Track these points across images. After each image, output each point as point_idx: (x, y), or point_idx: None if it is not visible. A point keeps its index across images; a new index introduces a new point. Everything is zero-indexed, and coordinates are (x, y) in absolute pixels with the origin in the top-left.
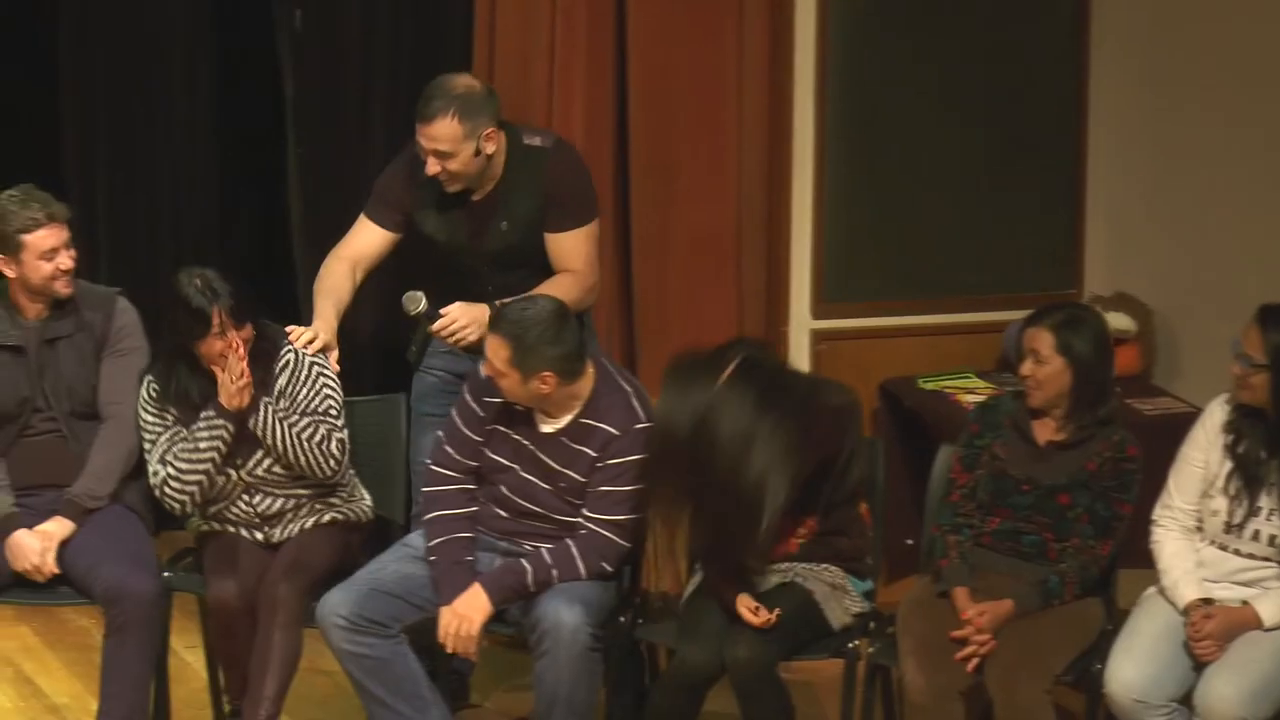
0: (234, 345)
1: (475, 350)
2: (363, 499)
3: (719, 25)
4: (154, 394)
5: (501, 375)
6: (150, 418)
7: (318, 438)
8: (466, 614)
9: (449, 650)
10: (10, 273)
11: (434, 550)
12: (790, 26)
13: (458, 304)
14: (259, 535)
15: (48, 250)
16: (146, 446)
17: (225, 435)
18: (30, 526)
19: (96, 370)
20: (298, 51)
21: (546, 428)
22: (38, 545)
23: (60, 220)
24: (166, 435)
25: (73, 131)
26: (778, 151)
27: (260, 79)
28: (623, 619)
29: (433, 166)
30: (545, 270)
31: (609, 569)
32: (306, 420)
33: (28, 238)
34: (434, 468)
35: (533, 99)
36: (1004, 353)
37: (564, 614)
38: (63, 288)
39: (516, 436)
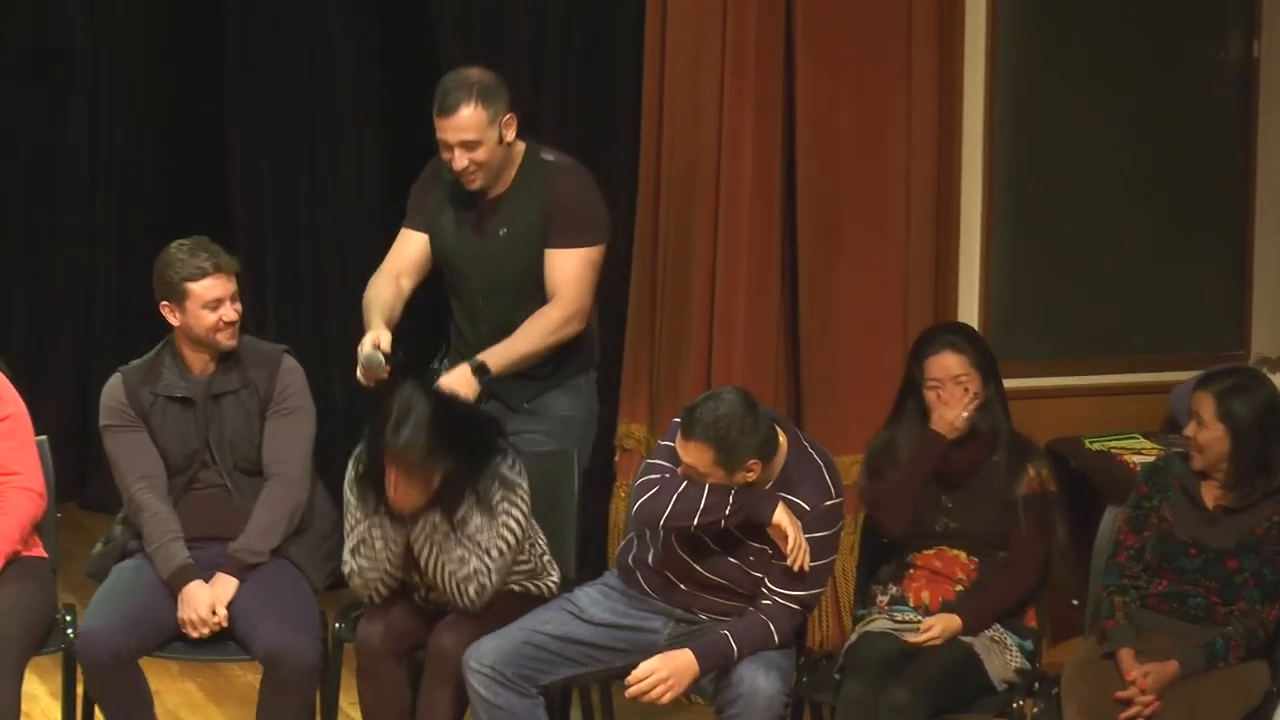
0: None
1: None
2: (550, 576)
3: (887, 86)
4: (359, 474)
5: (706, 477)
6: (353, 499)
7: (461, 574)
8: (671, 679)
9: (629, 695)
10: (175, 320)
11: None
12: (958, 87)
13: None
14: (432, 597)
15: (212, 300)
16: (346, 528)
17: (394, 540)
18: (198, 578)
19: (260, 428)
20: None
21: None
22: (208, 599)
23: (227, 272)
24: (364, 525)
25: (242, 193)
26: (945, 209)
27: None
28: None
29: (460, 160)
30: (535, 300)
31: (792, 639)
32: (461, 552)
33: (193, 286)
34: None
35: (702, 154)
36: (1171, 413)
37: (761, 681)
38: (225, 340)
39: None
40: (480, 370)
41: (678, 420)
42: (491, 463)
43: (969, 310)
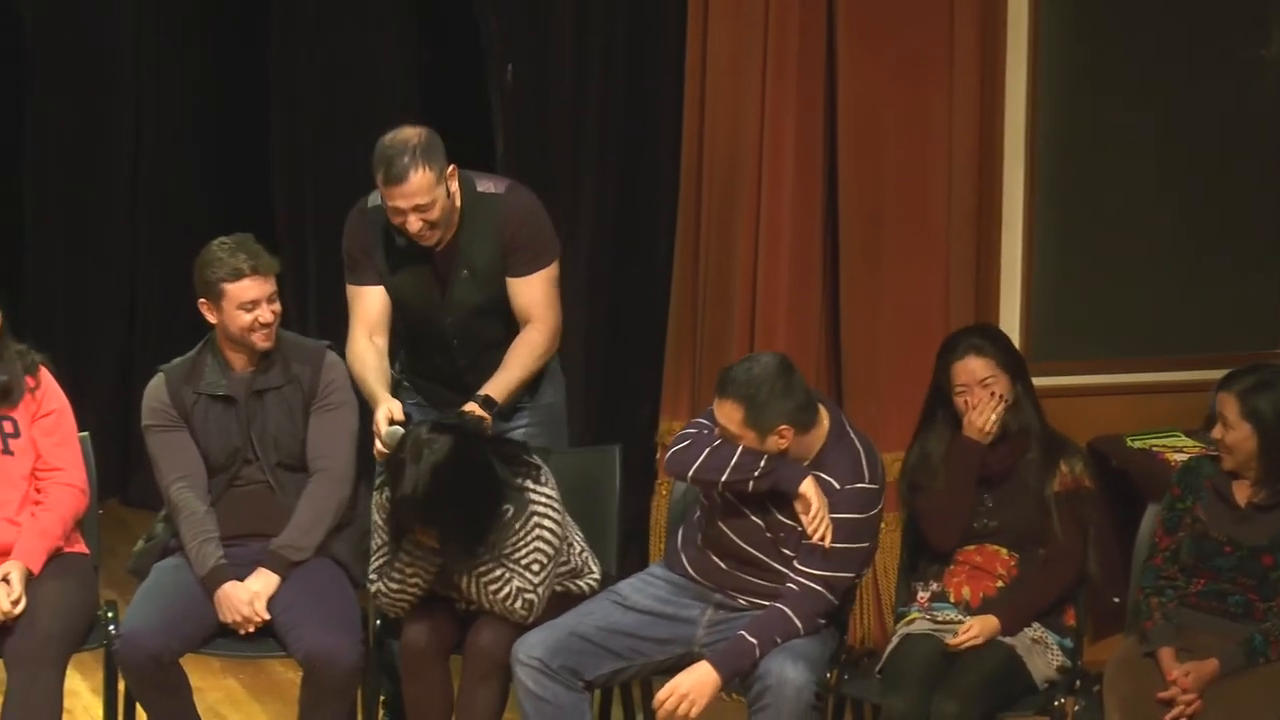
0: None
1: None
2: (591, 574)
3: (929, 85)
4: (387, 500)
5: (738, 438)
6: (380, 521)
7: (504, 594)
8: (691, 695)
9: (660, 717)
10: (212, 318)
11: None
12: (1000, 86)
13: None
14: (473, 609)
15: (248, 301)
16: (373, 545)
17: (426, 566)
18: (237, 576)
19: (304, 424)
20: (508, 108)
21: None
22: (246, 598)
23: (265, 273)
24: (392, 549)
25: (284, 191)
26: (986, 207)
27: (469, 139)
28: (829, 675)
29: (414, 224)
30: (506, 319)
31: (822, 623)
32: (500, 571)
33: (230, 286)
34: None
35: (743, 155)
36: (1211, 411)
37: (789, 671)
38: (260, 340)
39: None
40: (487, 403)
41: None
42: (516, 485)
43: (1010, 308)
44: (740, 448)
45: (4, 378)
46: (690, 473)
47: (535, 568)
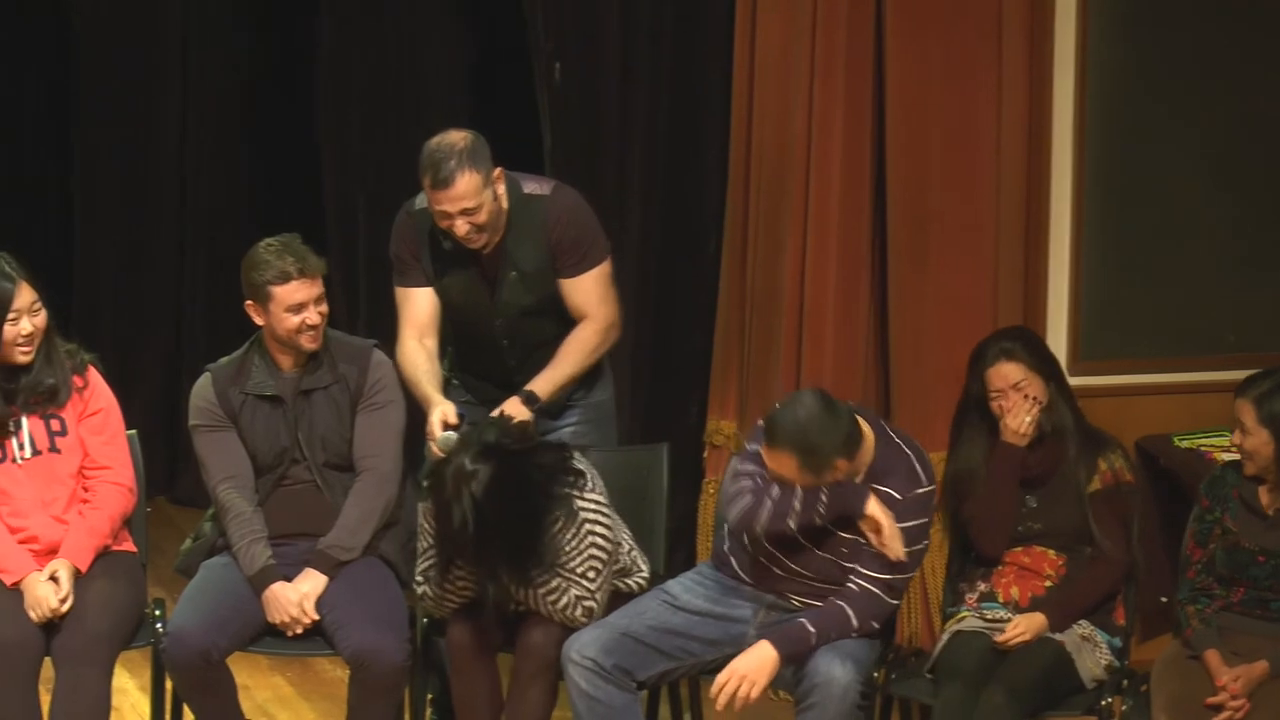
0: None
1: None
2: (639, 572)
3: (977, 84)
4: (430, 516)
5: (794, 481)
6: (427, 525)
7: (561, 603)
8: (751, 675)
9: (719, 708)
10: (259, 320)
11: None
12: (1048, 85)
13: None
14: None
15: (295, 304)
16: (419, 547)
17: (468, 579)
18: (285, 575)
19: (351, 423)
20: (556, 106)
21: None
22: (295, 599)
23: (312, 275)
24: (437, 554)
25: (333, 191)
26: (1034, 207)
27: (517, 139)
28: (876, 674)
29: (461, 228)
30: (556, 318)
31: (877, 627)
32: (556, 581)
33: (277, 289)
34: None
35: (791, 153)
36: None
37: (837, 670)
38: (307, 342)
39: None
40: (530, 399)
41: (761, 424)
42: (562, 495)
43: (1058, 308)
44: (798, 490)
45: (51, 379)
46: (760, 527)
47: (591, 574)
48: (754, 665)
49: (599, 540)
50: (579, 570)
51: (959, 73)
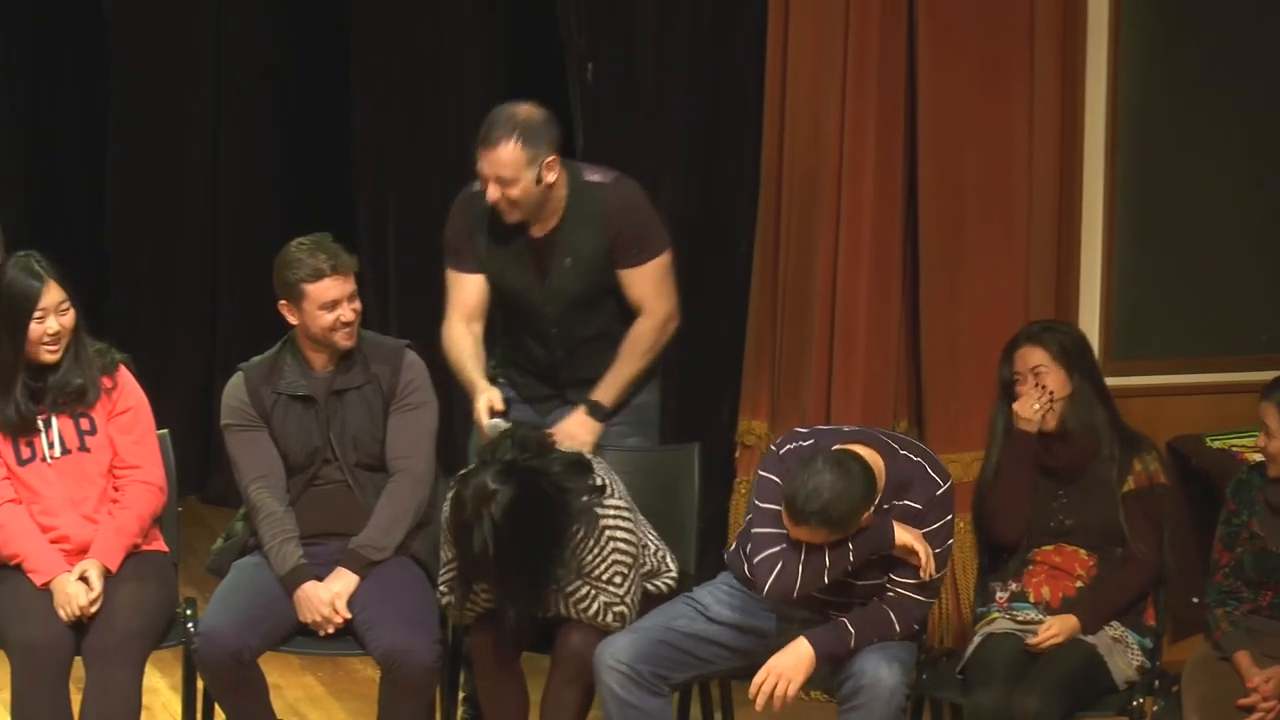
0: None
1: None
2: (668, 573)
3: (1009, 87)
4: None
5: (825, 543)
6: (449, 536)
7: (592, 610)
8: (788, 673)
9: (758, 709)
10: (293, 319)
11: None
12: (1081, 89)
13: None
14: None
15: (329, 301)
16: (443, 557)
17: (489, 591)
18: (316, 575)
19: (383, 423)
20: (589, 106)
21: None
22: (327, 598)
23: (344, 272)
24: (460, 565)
25: (366, 189)
26: (1067, 209)
27: None
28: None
29: (493, 193)
30: (604, 311)
31: (918, 629)
32: (586, 589)
33: (310, 287)
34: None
35: (824, 154)
36: None
37: (884, 672)
38: (342, 340)
39: None
40: (596, 410)
41: (774, 448)
42: (582, 507)
43: (1090, 309)
44: (826, 548)
45: (79, 379)
46: (795, 593)
47: (618, 580)
48: (791, 663)
49: (621, 545)
50: (604, 577)
51: (991, 78)
